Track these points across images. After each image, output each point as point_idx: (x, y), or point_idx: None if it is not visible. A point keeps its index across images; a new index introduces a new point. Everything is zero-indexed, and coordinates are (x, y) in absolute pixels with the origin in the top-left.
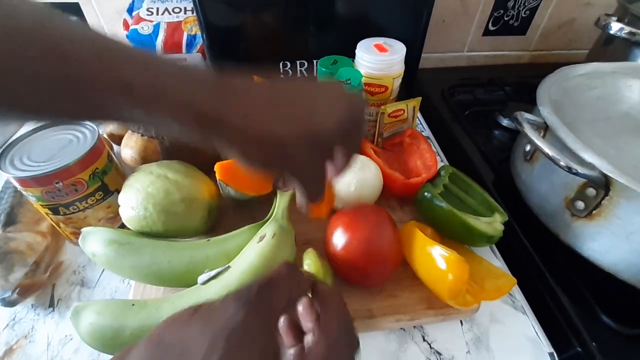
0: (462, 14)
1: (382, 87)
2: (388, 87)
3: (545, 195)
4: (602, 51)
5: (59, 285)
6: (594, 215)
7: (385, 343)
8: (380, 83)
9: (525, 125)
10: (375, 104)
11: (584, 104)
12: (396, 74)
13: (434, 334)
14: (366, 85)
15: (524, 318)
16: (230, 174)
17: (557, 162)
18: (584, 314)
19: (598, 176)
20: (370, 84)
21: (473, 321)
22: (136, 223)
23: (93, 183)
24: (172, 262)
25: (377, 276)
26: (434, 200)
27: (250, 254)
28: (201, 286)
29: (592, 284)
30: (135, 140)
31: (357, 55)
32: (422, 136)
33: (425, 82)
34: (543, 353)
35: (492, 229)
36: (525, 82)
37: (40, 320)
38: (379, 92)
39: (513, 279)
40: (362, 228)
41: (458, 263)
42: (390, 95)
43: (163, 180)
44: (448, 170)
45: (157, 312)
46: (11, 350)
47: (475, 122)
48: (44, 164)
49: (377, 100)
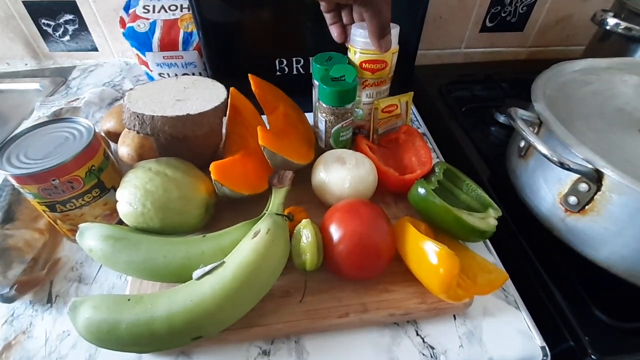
0: (459, 10)
1: (382, 63)
2: (387, 62)
3: (539, 191)
4: (598, 47)
5: (56, 282)
6: (587, 210)
7: (379, 337)
8: (381, 58)
9: (518, 121)
10: (375, 83)
11: (579, 99)
12: (394, 48)
13: (427, 328)
14: (366, 62)
15: (517, 312)
16: (225, 173)
17: (550, 158)
18: (576, 308)
19: (590, 171)
20: (370, 61)
21: (466, 316)
22: (133, 219)
23: (89, 180)
24: (167, 257)
25: (371, 270)
26: (427, 196)
27: (245, 250)
28: (196, 281)
29: (585, 279)
30: (131, 137)
31: (353, 33)
32: (417, 133)
33: (423, 78)
34: (535, 347)
35: (486, 225)
36: (522, 78)
37: (38, 316)
38: (379, 68)
39: (505, 274)
40: (355, 222)
41: (448, 257)
42: (389, 72)
43: (162, 178)
44: (442, 166)
45: (153, 307)
46: (10, 345)
47: (472, 119)
48: (40, 162)
49: (377, 78)
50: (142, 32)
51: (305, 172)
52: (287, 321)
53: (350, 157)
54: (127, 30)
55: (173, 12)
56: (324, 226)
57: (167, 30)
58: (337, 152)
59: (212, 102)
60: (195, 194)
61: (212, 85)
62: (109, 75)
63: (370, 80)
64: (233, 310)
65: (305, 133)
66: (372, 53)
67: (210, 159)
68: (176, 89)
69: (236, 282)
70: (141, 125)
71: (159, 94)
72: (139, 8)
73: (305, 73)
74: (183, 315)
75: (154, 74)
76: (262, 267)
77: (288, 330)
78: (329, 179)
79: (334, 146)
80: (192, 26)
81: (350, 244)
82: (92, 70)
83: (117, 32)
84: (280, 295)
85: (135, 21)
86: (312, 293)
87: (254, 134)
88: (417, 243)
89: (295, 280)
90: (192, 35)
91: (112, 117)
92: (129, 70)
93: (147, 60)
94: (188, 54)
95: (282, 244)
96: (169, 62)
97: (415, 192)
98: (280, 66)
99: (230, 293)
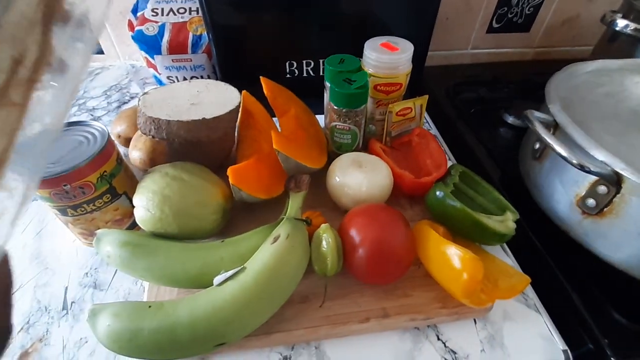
0: (465, 12)
1: (397, 85)
2: (402, 84)
3: (555, 193)
4: (607, 48)
5: (71, 288)
6: (605, 212)
7: (399, 342)
8: (396, 81)
9: (535, 123)
10: (390, 102)
11: (592, 101)
12: (408, 70)
13: (447, 332)
14: (381, 85)
15: (537, 316)
16: (242, 178)
17: (570, 161)
18: (594, 311)
19: (610, 174)
20: (385, 84)
21: (486, 320)
22: (151, 225)
23: (101, 186)
24: (186, 263)
25: (391, 275)
26: (446, 199)
27: (265, 255)
28: (217, 287)
29: (602, 281)
30: (143, 142)
31: (368, 56)
32: (431, 135)
33: (429, 80)
34: (557, 350)
35: (505, 228)
36: (529, 79)
37: (54, 323)
38: (393, 90)
39: (527, 277)
40: (375, 227)
41: (473, 262)
42: (404, 91)
43: (179, 183)
44: (458, 169)
45: (174, 314)
46: (27, 353)
47: (481, 120)
48: (52, 166)
49: (391, 98)
50: (151, 35)
51: (317, 175)
52: (308, 327)
53: (366, 161)
54: (136, 33)
55: (182, 15)
56: (342, 230)
57: (176, 33)
58: (352, 155)
59: (227, 106)
60: (212, 199)
61: (226, 89)
62: (115, 78)
63: (385, 100)
64: (256, 316)
65: (316, 136)
66: (389, 77)
67: (222, 163)
68: (190, 93)
69: (258, 287)
70: (157, 130)
71: (173, 98)
72: (147, 11)
73: (315, 75)
74: (206, 321)
75: (163, 77)
76: (284, 272)
77: (309, 336)
78: (346, 182)
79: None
80: (201, 29)
81: (371, 249)
82: (98, 73)
83: (123, 35)
84: (299, 300)
85: (144, 24)
86: (330, 298)
87: (266, 138)
88: (439, 247)
89: (312, 285)
90: (201, 38)
91: (122, 121)
92: (135, 73)
93: (155, 63)
94: (197, 57)
95: (302, 249)
96: (177, 65)
97: (434, 195)
98: (291, 69)
99: (253, 299)
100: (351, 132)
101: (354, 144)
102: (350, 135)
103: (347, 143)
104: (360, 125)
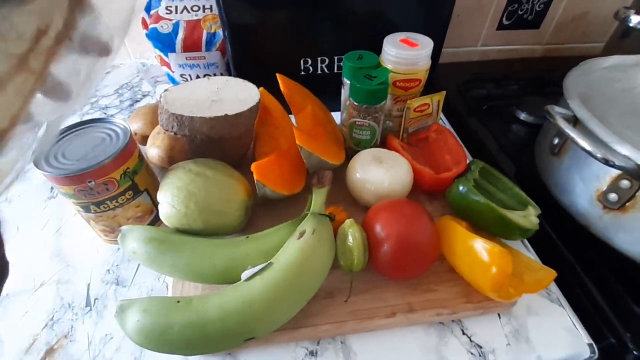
0: (476, 9)
1: (416, 81)
2: (421, 79)
3: (574, 188)
4: (619, 44)
5: (93, 285)
6: (628, 207)
7: (425, 337)
8: (415, 77)
9: (557, 118)
10: (408, 98)
11: (610, 96)
12: (427, 66)
13: (473, 327)
14: (400, 81)
15: (561, 310)
16: (266, 174)
17: (594, 155)
18: (616, 305)
19: (635, 168)
20: (404, 80)
21: (511, 314)
22: (176, 221)
23: (124, 182)
24: (212, 259)
25: (416, 269)
26: (469, 194)
27: (292, 250)
28: (244, 282)
29: (623, 275)
30: (161, 139)
31: (388, 52)
32: (448, 131)
33: (440, 77)
34: (582, 344)
35: (529, 222)
36: (539, 76)
37: (78, 320)
38: (412, 86)
39: (552, 271)
40: (400, 223)
41: (502, 255)
42: (422, 87)
43: (203, 179)
44: (478, 164)
45: (204, 309)
46: (52, 350)
47: (492, 117)
48: (77, 163)
49: (409, 95)
50: (166, 33)
51: (334, 172)
52: (334, 322)
53: (386, 157)
54: (150, 31)
55: (195, 12)
56: (367, 225)
57: (190, 31)
58: (372, 151)
59: (247, 102)
60: (235, 196)
61: (245, 85)
62: (126, 76)
63: (403, 96)
64: (284, 310)
65: (333, 132)
66: (408, 73)
67: (241, 160)
68: (209, 89)
69: (286, 282)
70: (179, 127)
71: (194, 95)
72: (161, 9)
73: (330, 73)
74: (236, 316)
75: (176, 75)
76: (311, 267)
77: (335, 331)
78: (367, 178)
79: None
80: (215, 27)
81: (397, 245)
82: (109, 71)
83: (134, 33)
84: (324, 296)
85: (158, 22)
86: (355, 293)
87: (284, 134)
88: (465, 242)
89: (336, 280)
90: (215, 35)
91: (139, 118)
92: (146, 71)
93: (169, 61)
94: (211, 55)
95: (328, 244)
96: (191, 63)
97: (456, 191)
98: (305, 66)
99: (281, 294)
100: (370, 128)
101: (373, 140)
102: (369, 131)
103: (365, 139)
104: (380, 121)
